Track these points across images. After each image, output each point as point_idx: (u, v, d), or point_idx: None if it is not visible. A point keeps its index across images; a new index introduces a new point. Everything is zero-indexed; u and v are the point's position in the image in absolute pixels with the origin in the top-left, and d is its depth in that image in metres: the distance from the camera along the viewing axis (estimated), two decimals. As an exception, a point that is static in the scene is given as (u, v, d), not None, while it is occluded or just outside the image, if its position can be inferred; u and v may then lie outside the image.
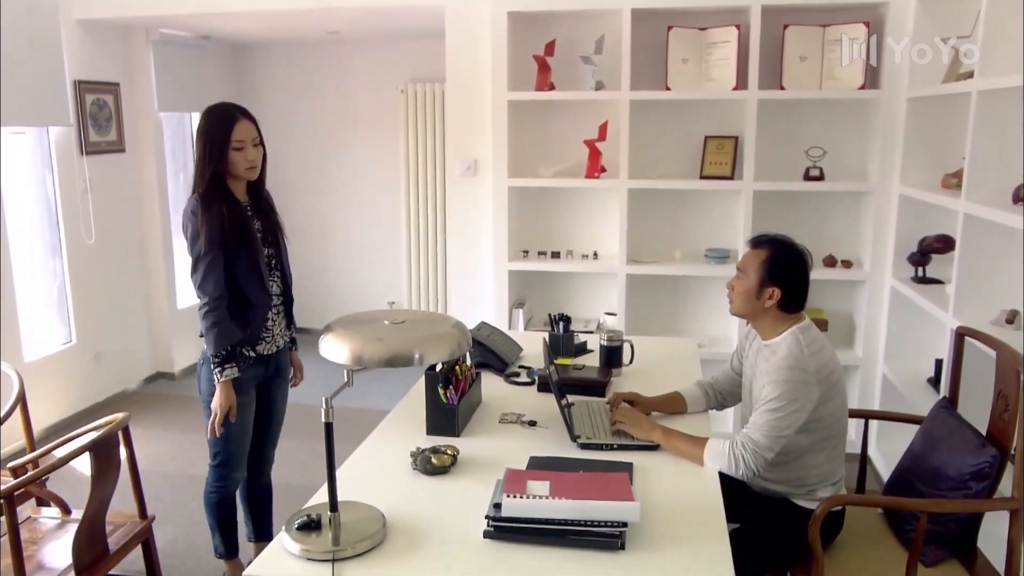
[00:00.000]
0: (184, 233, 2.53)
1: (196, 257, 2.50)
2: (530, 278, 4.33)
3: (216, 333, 2.50)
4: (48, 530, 2.72)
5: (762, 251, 2.32)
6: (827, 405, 2.21)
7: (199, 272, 2.49)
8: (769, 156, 3.97)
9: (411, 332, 1.79)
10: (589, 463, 2.11)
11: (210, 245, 2.46)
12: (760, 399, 2.20)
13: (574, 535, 1.72)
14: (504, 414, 2.48)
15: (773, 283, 2.27)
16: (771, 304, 2.29)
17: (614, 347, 2.84)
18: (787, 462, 2.26)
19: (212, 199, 2.48)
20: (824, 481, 2.28)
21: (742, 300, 2.35)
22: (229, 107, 2.53)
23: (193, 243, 2.49)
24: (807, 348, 2.23)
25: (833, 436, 2.27)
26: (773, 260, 2.29)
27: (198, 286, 2.52)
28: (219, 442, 2.68)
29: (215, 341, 2.50)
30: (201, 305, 2.52)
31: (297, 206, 6.29)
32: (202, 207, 2.47)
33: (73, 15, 4.55)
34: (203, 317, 2.51)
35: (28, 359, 4.37)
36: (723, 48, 3.85)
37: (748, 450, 2.12)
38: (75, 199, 4.65)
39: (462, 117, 4.19)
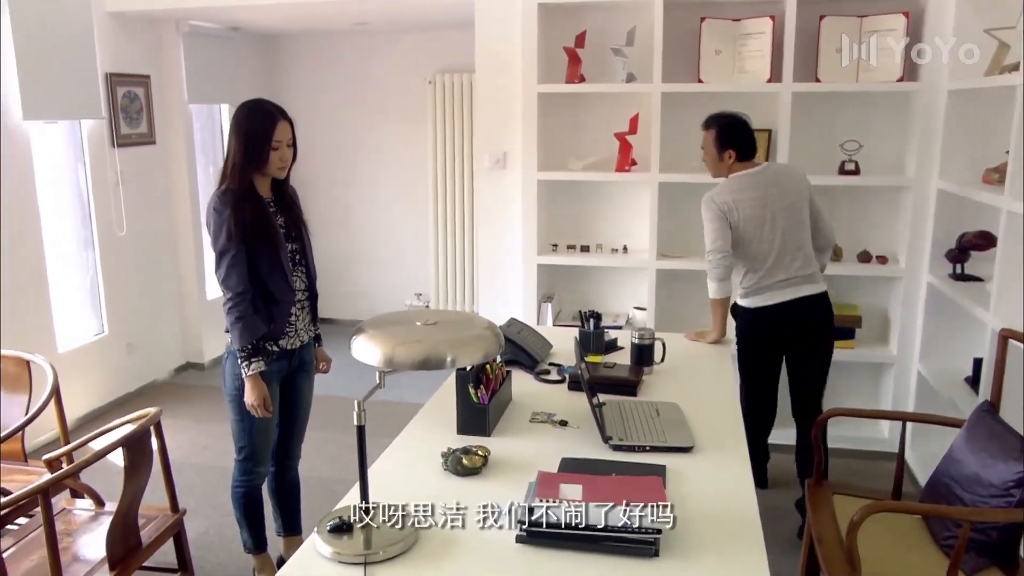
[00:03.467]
0: (207, 228, 2.55)
1: (220, 253, 2.50)
2: (559, 272, 4.30)
3: (240, 328, 2.50)
4: (82, 522, 2.75)
5: (711, 130, 3.20)
6: (738, 234, 3.14)
7: (223, 268, 2.51)
8: (803, 149, 3.90)
9: (444, 334, 1.77)
10: (621, 465, 2.09)
11: (233, 241, 2.47)
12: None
13: (608, 541, 1.70)
14: (535, 413, 2.45)
15: (727, 148, 3.17)
16: (731, 161, 3.20)
17: (645, 345, 2.81)
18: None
19: (235, 195, 2.48)
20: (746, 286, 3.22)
21: (712, 166, 3.26)
22: (271, 107, 2.53)
23: (216, 239, 2.50)
24: (722, 188, 3.18)
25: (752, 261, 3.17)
26: (720, 133, 3.18)
27: (222, 281, 2.53)
28: (243, 436, 2.69)
29: (240, 336, 2.51)
30: (225, 300, 2.53)
31: (323, 197, 6.31)
32: (224, 203, 2.47)
33: (105, 8, 4.57)
34: (227, 312, 2.52)
35: (61, 350, 4.43)
36: (757, 39, 3.78)
37: (708, 261, 3.16)
38: (107, 191, 4.69)
39: (491, 109, 4.15)
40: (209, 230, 2.53)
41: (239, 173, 2.50)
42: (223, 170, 2.56)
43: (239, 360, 2.53)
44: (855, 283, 4.05)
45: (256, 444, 2.71)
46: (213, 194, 2.53)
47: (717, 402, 2.58)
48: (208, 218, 2.52)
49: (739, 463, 2.14)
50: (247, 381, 2.55)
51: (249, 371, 2.53)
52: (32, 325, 4.23)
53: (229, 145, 2.53)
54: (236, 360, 2.55)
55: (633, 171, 4.00)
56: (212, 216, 2.50)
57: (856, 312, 4.02)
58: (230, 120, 2.58)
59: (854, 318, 3.99)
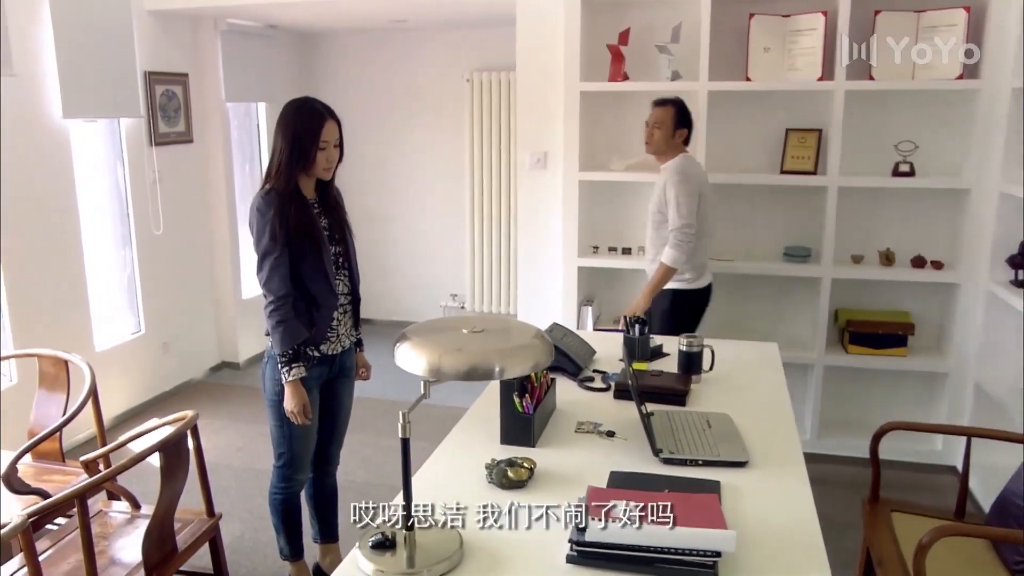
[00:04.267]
0: (250, 229, 2.48)
1: (262, 255, 2.45)
2: (599, 275, 4.20)
3: (282, 332, 2.44)
4: (118, 525, 2.72)
5: (669, 107, 3.39)
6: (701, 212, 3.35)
7: (265, 270, 2.44)
8: (855, 150, 3.77)
9: (491, 343, 1.70)
10: (674, 480, 1.99)
11: (276, 242, 2.41)
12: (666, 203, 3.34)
13: (664, 563, 1.61)
14: (580, 423, 2.37)
15: (683, 127, 3.40)
16: (679, 141, 3.42)
17: (694, 352, 2.70)
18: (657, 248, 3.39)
19: (280, 195, 2.42)
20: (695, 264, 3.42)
21: (662, 142, 3.40)
22: (319, 106, 2.48)
23: (259, 240, 2.44)
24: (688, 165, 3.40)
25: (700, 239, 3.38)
26: (679, 112, 3.39)
27: (263, 284, 2.47)
28: (283, 442, 2.64)
29: (281, 340, 2.45)
30: (267, 303, 2.47)
31: (358, 197, 6.27)
32: (268, 203, 2.41)
33: (144, 6, 4.56)
34: (268, 315, 2.46)
35: (99, 348, 4.43)
36: (808, 36, 3.65)
37: (682, 234, 3.28)
38: (144, 190, 4.68)
39: (532, 108, 4.08)
40: (251, 230, 2.47)
41: (285, 173, 2.44)
42: (268, 169, 2.50)
43: (279, 365, 2.47)
44: (907, 289, 3.91)
45: (296, 451, 2.66)
46: (256, 194, 2.48)
47: (769, 413, 2.48)
48: (251, 218, 2.47)
49: (797, 479, 2.03)
50: (287, 387, 2.49)
51: (289, 377, 2.47)
52: (70, 323, 4.23)
53: (275, 144, 2.47)
54: (276, 365, 2.50)
55: (677, 172, 3.89)
56: (255, 216, 2.44)
57: (908, 319, 3.88)
58: (277, 118, 2.51)
59: (906, 325, 3.84)
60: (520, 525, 1.79)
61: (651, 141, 3.43)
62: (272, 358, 2.53)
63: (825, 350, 3.90)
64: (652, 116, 3.43)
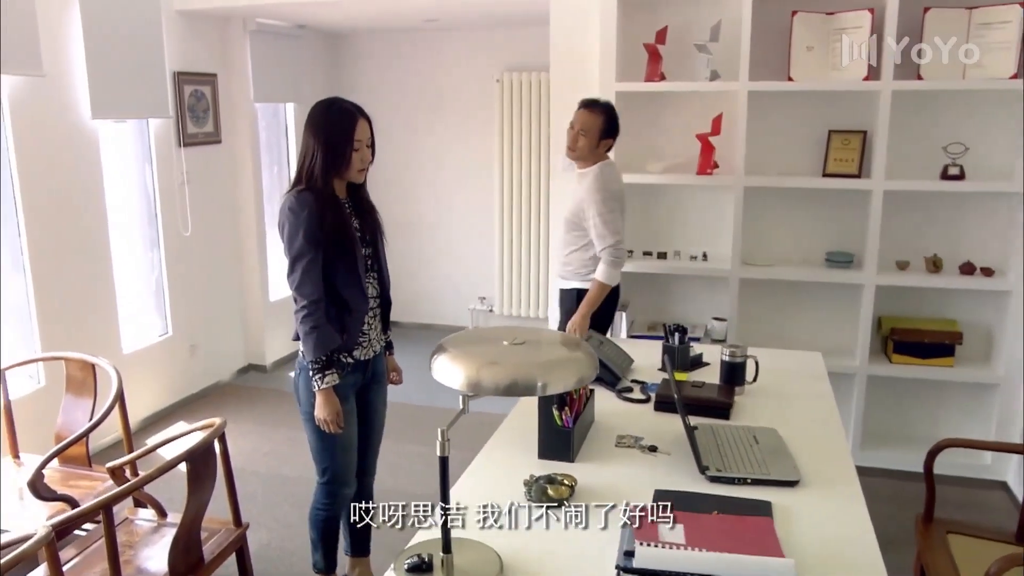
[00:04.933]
0: (280, 231, 2.40)
1: (294, 257, 2.36)
2: (633, 280, 4.09)
3: (315, 338, 2.37)
4: (144, 533, 2.68)
5: (598, 114, 3.21)
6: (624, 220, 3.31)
7: (296, 273, 2.37)
8: (902, 153, 3.64)
9: (533, 356, 1.61)
10: (722, 500, 1.89)
11: (310, 245, 2.33)
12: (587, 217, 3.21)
13: (717, 593, 1.51)
14: (620, 437, 2.27)
15: (609, 137, 3.25)
16: (603, 151, 3.27)
17: (737, 363, 2.60)
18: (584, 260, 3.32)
19: (315, 197, 2.35)
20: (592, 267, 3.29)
21: (586, 150, 3.23)
22: (348, 106, 2.41)
23: (291, 243, 2.36)
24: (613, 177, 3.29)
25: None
26: (609, 120, 3.23)
27: (295, 288, 2.39)
28: (326, 457, 2.56)
29: (314, 347, 2.37)
30: (298, 308, 2.39)
31: (386, 198, 6.20)
32: (302, 204, 2.34)
33: (174, 6, 4.53)
34: (301, 321, 2.38)
35: (126, 351, 4.40)
36: (853, 34, 3.52)
37: (617, 250, 3.19)
38: (173, 191, 4.65)
39: (566, 108, 3.93)
40: (282, 232, 2.39)
41: (321, 176, 2.36)
42: (298, 172, 2.42)
43: (313, 373, 2.40)
44: (955, 296, 3.77)
45: (340, 464, 2.58)
46: (287, 195, 2.40)
47: (818, 428, 2.37)
48: (282, 220, 2.38)
49: (853, 501, 1.93)
50: (319, 396, 2.41)
51: (322, 384, 2.40)
52: (98, 325, 4.20)
53: (306, 145, 2.39)
54: (310, 375, 2.42)
55: (715, 174, 3.79)
56: (288, 218, 2.36)
57: (955, 328, 3.74)
58: (306, 120, 2.43)
59: (954, 334, 3.70)
60: (563, 545, 1.71)
61: (575, 147, 3.25)
62: (305, 369, 2.45)
63: (868, 359, 3.76)
64: (578, 119, 3.24)
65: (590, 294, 3.26)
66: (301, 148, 2.43)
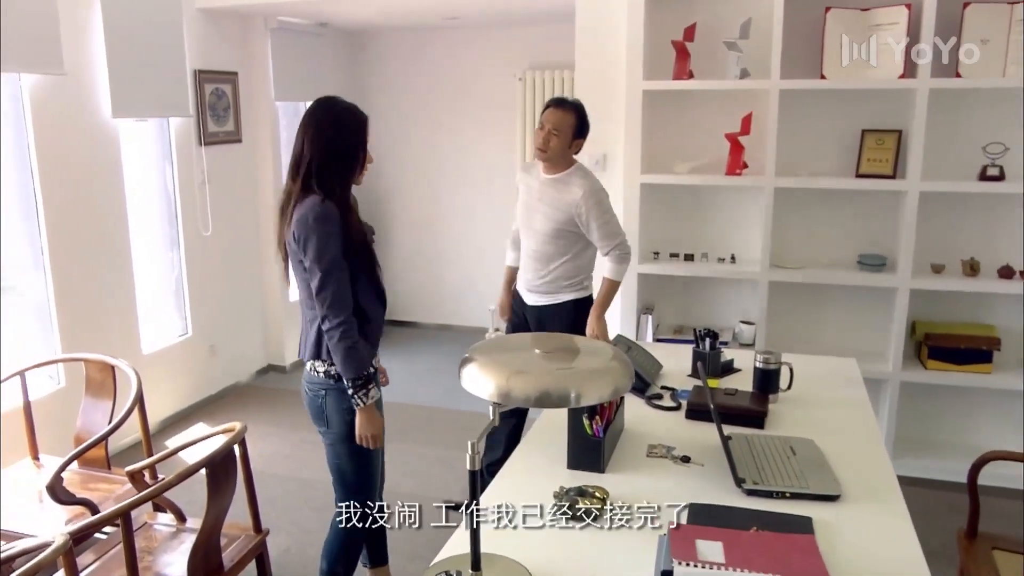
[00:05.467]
0: (302, 243, 2.24)
1: (326, 272, 2.22)
2: (659, 282, 4.02)
3: (357, 355, 2.27)
4: (163, 538, 2.64)
5: (569, 113, 3.06)
6: None
7: (330, 287, 2.23)
8: (938, 153, 3.53)
9: (566, 364, 1.56)
10: (760, 515, 1.81)
11: (340, 259, 2.24)
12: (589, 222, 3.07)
13: (760, 617, 1.43)
14: (651, 446, 2.20)
15: (582, 137, 3.11)
16: (575, 152, 3.13)
17: (771, 370, 2.51)
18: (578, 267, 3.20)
19: (339, 205, 2.26)
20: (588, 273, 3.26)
21: (560, 151, 3.07)
22: (357, 109, 2.34)
23: (320, 256, 2.22)
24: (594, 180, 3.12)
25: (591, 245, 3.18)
26: (580, 120, 3.09)
27: (329, 304, 2.24)
28: (362, 478, 2.47)
29: (357, 364, 2.27)
30: (333, 326, 2.25)
31: (407, 198, 6.19)
32: (328, 214, 2.22)
33: (195, 4, 4.50)
34: (340, 339, 2.25)
35: (146, 351, 4.37)
36: (889, 31, 3.42)
37: (624, 247, 3.13)
38: (193, 190, 4.62)
39: (591, 107, 3.81)
40: (308, 244, 2.23)
41: (339, 184, 2.27)
42: (308, 177, 2.27)
43: (354, 391, 2.29)
44: (993, 301, 3.66)
45: (373, 481, 2.51)
46: (309, 204, 2.24)
47: (857, 438, 2.29)
48: (308, 230, 2.22)
49: (897, 517, 1.84)
50: (363, 413, 2.31)
51: (368, 400, 2.30)
52: (118, 326, 4.18)
53: (321, 149, 2.26)
54: (341, 395, 2.33)
55: (745, 175, 3.70)
56: (314, 229, 2.21)
57: (993, 333, 3.63)
58: (313, 120, 2.30)
59: (991, 340, 3.59)
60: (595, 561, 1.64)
61: (547, 148, 3.06)
62: (333, 390, 2.34)
63: (902, 365, 3.66)
64: (549, 119, 3.06)
65: (604, 295, 3.18)
66: (308, 150, 2.27)
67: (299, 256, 2.29)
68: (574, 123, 3.07)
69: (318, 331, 2.32)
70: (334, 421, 2.39)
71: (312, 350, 2.36)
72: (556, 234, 3.13)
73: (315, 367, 2.37)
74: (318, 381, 2.37)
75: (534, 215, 3.19)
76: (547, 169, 3.16)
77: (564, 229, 3.11)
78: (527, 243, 3.26)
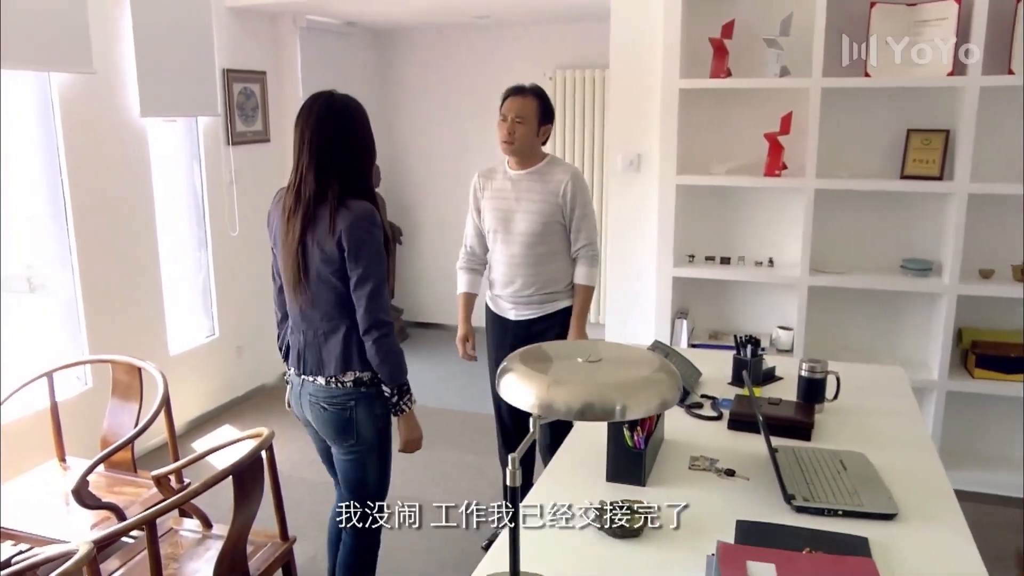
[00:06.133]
0: (358, 248, 2.12)
1: (381, 278, 2.14)
2: (694, 286, 3.91)
3: (403, 359, 2.22)
4: (189, 545, 2.59)
5: (531, 99, 2.90)
6: None
7: (381, 295, 2.15)
8: (987, 153, 3.40)
9: (611, 375, 1.46)
10: (812, 534, 1.72)
11: (386, 265, 2.18)
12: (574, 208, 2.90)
13: (820, 647, 1.34)
14: (694, 458, 2.10)
15: (547, 122, 2.95)
16: (543, 140, 2.97)
17: (817, 379, 2.41)
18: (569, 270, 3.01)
19: (376, 209, 2.20)
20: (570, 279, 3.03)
21: (526, 140, 2.91)
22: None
23: (377, 263, 2.13)
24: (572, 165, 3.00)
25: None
26: (543, 105, 2.93)
27: (382, 312, 2.16)
28: (384, 486, 2.42)
29: (404, 368, 2.23)
30: (385, 333, 2.16)
31: (434, 198, 6.14)
32: (375, 219, 2.15)
33: (224, 3, 4.47)
34: (390, 346, 2.18)
35: (173, 352, 4.34)
36: (938, 26, 3.30)
37: (596, 248, 2.98)
38: (221, 190, 4.59)
39: (625, 106, 3.81)
40: (364, 249, 2.13)
41: (369, 184, 2.22)
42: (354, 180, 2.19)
43: (399, 397, 2.24)
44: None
45: (387, 489, 2.45)
46: (363, 208, 2.14)
47: (910, 452, 2.18)
48: (362, 236, 2.12)
49: (957, 535, 1.74)
50: (407, 419, 2.27)
51: (412, 405, 2.27)
52: (146, 327, 4.15)
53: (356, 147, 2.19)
54: (371, 402, 2.27)
55: (784, 176, 3.59)
56: (373, 233, 2.13)
57: (1022, 340, 3.50)
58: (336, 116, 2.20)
59: (1022, 347, 3.46)
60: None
61: (512, 140, 2.90)
62: (363, 398, 2.26)
63: (948, 374, 3.53)
64: (511, 108, 2.89)
65: (583, 304, 2.99)
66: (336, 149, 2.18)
67: (335, 264, 2.16)
68: (536, 108, 2.89)
69: (345, 341, 2.22)
70: (365, 432, 2.30)
71: (339, 363, 2.23)
72: (544, 231, 2.93)
73: (340, 380, 2.25)
74: (345, 393, 2.26)
75: (513, 217, 2.97)
76: (518, 165, 2.98)
77: (552, 222, 2.92)
78: (507, 251, 3.01)
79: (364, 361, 2.22)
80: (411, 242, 6.23)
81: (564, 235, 2.96)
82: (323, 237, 2.16)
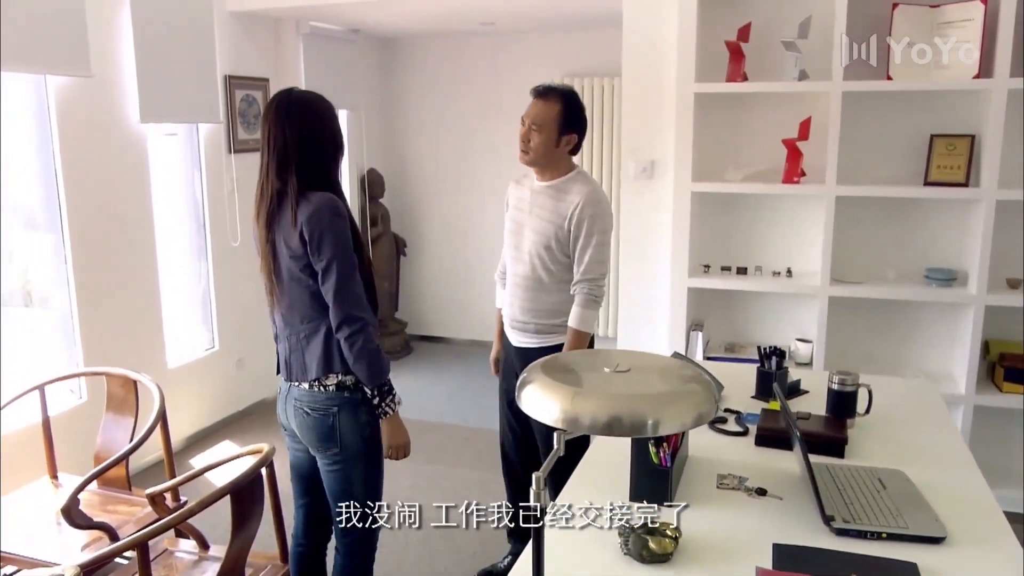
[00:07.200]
0: (319, 240, 2.03)
1: (349, 269, 2.06)
2: (709, 296, 3.79)
3: (383, 357, 2.12)
4: (184, 568, 2.47)
5: (553, 104, 2.54)
6: None
7: (351, 286, 2.06)
8: (1016, 159, 3.28)
9: (640, 386, 1.34)
10: (856, 559, 1.59)
11: (354, 255, 2.09)
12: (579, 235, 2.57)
13: None
14: (722, 476, 1.98)
15: (571, 131, 2.58)
16: (568, 150, 2.61)
17: (847, 392, 2.28)
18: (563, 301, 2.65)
19: (340, 199, 2.11)
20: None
21: (542, 150, 2.57)
22: None
23: (342, 253, 2.04)
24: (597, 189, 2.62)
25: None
26: (569, 110, 2.55)
27: (355, 305, 2.06)
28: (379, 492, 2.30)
29: (383, 368, 2.12)
30: (359, 328, 2.06)
31: (441, 206, 6.05)
32: (338, 209, 2.07)
33: (226, 7, 4.38)
34: (365, 343, 2.07)
35: (172, 365, 4.22)
36: (963, 28, 3.20)
37: (600, 289, 2.59)
38: (222, 199, 4.48)
39: (639, 112, 3.71)
40: (324, 241, 2.04)
41: (335, 177, 2.14)
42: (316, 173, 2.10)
43: (380, 399, 2.14)
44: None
45: (380, 499, 2.33)
46: (321, 198, 2.06)
47: (951, 470, 2.05)
48: (324, 226, 2.03)
49: (1011, 559, 1.61)
50: (391, 422, 2.17)
51: (396, 407, 2.16)
52: (143, 339, 4.03)
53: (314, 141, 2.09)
54: (356, 407, 2.16)
55: (803, 183, 3.48)
56: (334, 223, 2.04)
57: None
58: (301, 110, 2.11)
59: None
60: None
61: (527, 149, 2.59)
62: (347, 403, 2.15)
63: (975, 388, 3.40)
64: (529, 113, 2.57)
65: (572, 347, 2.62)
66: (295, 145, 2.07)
67: (303, 260, 2.08)
68: (558, 114, 2.54)
69: (325, 342, 2.13)
70: (349, 439, 2.18)
71: (320, 365, 2.14)
72: (547, 255, 2.63)
73: (323, 383, 2.15)
74: (327, 397, 2.16)
75: (523, 232, 2.71)
76: (540, 176, 2.68)
77: (555, 246, 2.62)
78: (514, 269, 2.75)
79: (347, 363, 2.12)
80: (415, 254, 6.12)
81: (570, 264, 2.65)
82: (288, 233, 2.09)
